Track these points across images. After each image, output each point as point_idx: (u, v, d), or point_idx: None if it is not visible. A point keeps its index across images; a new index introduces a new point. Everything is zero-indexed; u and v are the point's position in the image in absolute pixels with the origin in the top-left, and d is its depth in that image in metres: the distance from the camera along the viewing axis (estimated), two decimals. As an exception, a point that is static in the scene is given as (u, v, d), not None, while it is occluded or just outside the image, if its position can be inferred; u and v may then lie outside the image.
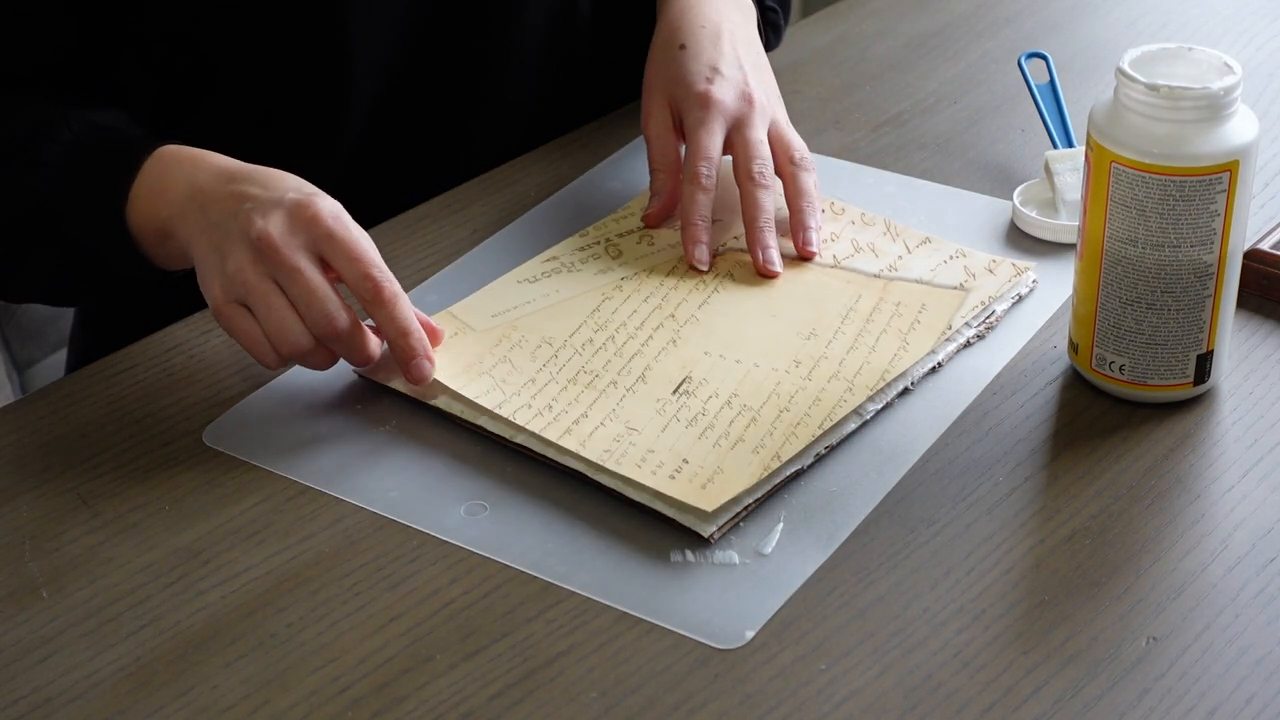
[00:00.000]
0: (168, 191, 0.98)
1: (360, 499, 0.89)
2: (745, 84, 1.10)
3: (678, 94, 1.11)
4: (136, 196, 0.99)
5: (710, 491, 0.87)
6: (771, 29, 1.30)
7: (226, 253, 0.93)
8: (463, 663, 0.79)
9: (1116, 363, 0.94)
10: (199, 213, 0.96)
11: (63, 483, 0.91)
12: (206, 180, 0.97)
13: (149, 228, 0.99)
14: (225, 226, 0.94)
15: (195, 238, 0.96)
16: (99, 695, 0.78)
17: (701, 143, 1.08)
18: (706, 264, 1.05)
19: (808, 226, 1.07)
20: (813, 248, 1.07)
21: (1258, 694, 0.77)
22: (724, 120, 1.09)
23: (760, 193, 1.07)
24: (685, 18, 1.15)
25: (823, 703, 0.77)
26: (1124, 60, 0.91)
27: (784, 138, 1.11)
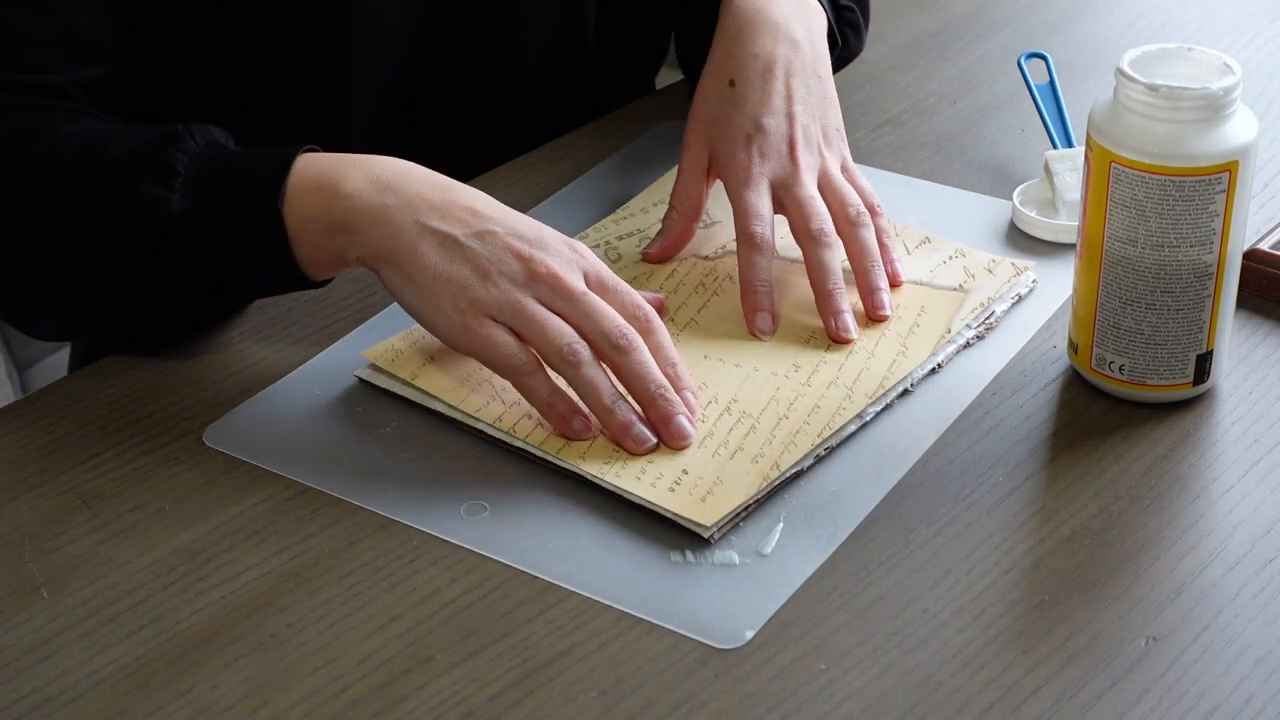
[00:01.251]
0: (341, 185, 0.94)
1: (360, 499, 0.89)
2: (790, 137, 1.05)
3: (720, 148, 1.06)
4: (296, 194, 0.94)
5: (710, 504, 0.87)
6: (851, 29, 1.23)
7: (484, 270, 0.91)
8: (463, 663, 0.79)
9: (1116, 363, 0.94)
10: (414, 217, 0.93)
11: (63, 483, 0.91)
12: (402, 179, 0.95)
13: (314, 224, 0.94)
14: (470, 244, 0.92)
15: (414, 242, 0.92)
16: (99, 695, 0.78)
17: (749, 203, 1.02)
18: (771, 332, 1.00)
19: (876, 289, 1.01)
20: (885, 311, 1.01)
21: (1257, 694, 0.77)
22: (768, 180, 1.03)
23: (823, 252, 1.01)
24: (739, 43, 1.09)
25: (823, 703, 0.77)
26: (1124, 60, 0.91)
27: (838, 190, 1.04)
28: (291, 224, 0.95)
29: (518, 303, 0.91)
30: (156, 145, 0.96)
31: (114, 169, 0.96)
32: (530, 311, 0.91)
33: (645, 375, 0.91)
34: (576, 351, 0.91)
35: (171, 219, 0.95)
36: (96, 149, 0.98)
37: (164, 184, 0.95)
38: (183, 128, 0.98)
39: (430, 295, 0.92)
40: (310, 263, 0.96)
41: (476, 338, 0.91)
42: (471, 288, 0.92)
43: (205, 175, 0.96)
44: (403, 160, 0.97)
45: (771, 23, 1.09)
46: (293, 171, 0.95)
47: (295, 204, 0.95)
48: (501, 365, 0.92)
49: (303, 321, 1.04)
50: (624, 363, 0.91)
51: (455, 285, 0.92)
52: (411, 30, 1.17)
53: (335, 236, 0.94)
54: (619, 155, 1.23)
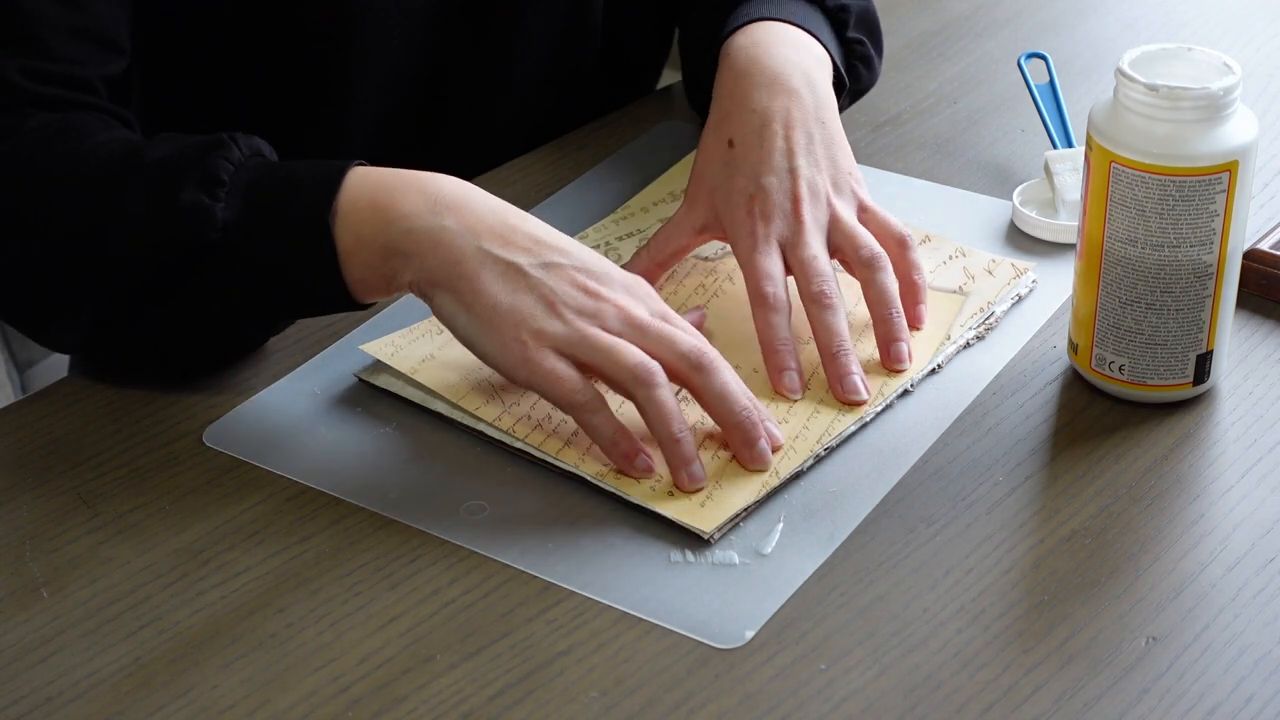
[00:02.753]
0: (397, 205, 0.90)
1: (360, 499, 0.89)
2: (793, 194, 1.01)
3: (724, 212, 1.02)
4: (349, 211, 0.91)
5: (709, 510, 0.87)
6: (862, 62, 1.19)
7: (550, 301, 0.88)
8: (463, 663, 0.79)
9: (1116, 363, 0.94)
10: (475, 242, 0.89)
11: (63, 483, 0.91)
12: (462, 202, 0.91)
13: (367, 245, 0.90)
14: (535, 274, 0.89)
15: (475, 269, 0.89)
16: (99, 695, 0.78)
17: (758, 266, 0.98)
18: (799, 392, 0.95)
19: (894, 340, 0.98)
20: (903, 364, 0.97)
21: (1257, 693, 0.77)
22: (775, 240, 0.99)
23: (825, 315, 0.97)
24: (736, 97, 1.06)
25: (823, 703, 0.77)
26: (1124, 60, 0.91)
27: (850, 235, 1.00)
28: (344, 243, 0.91)
29: (584, 331, 0.88)
30: (200, 152, 0.93)
31: (155, 174, 0.92)
32: (597, 338, 0.88)
33: (730, 396, 0.89)
34: (651, 371, 0.88)
35: (215, 229, 0.91)
36: (135, 153, 0.94)
37: (208, 192, 0.91)
38: (227, 136, 0.94)
39: (490, 325, 0.89)
40: (359, 284, 0.92)
41: (540, 371, 0.88)
42: (535, 319, 0.88)
43: (252, 186, 0.92)
44: (458, 180, 0.93)
45: (769, 74, 1.06)
46: (344, 187, 0.91)
47: (348, 222, 0.91)
48: (565, 400, 0.88)
49: (303, 321, 1.03)
50: (706, 383, 0.89)
51: (518, 316, 0.88)
52: (415, 31, 1.17)
53: (390, 259, 0.91)
54: (619, 155, 1.23)
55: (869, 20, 1.20)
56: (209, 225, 0.91)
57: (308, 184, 0.92)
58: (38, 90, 0.97)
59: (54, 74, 0.98)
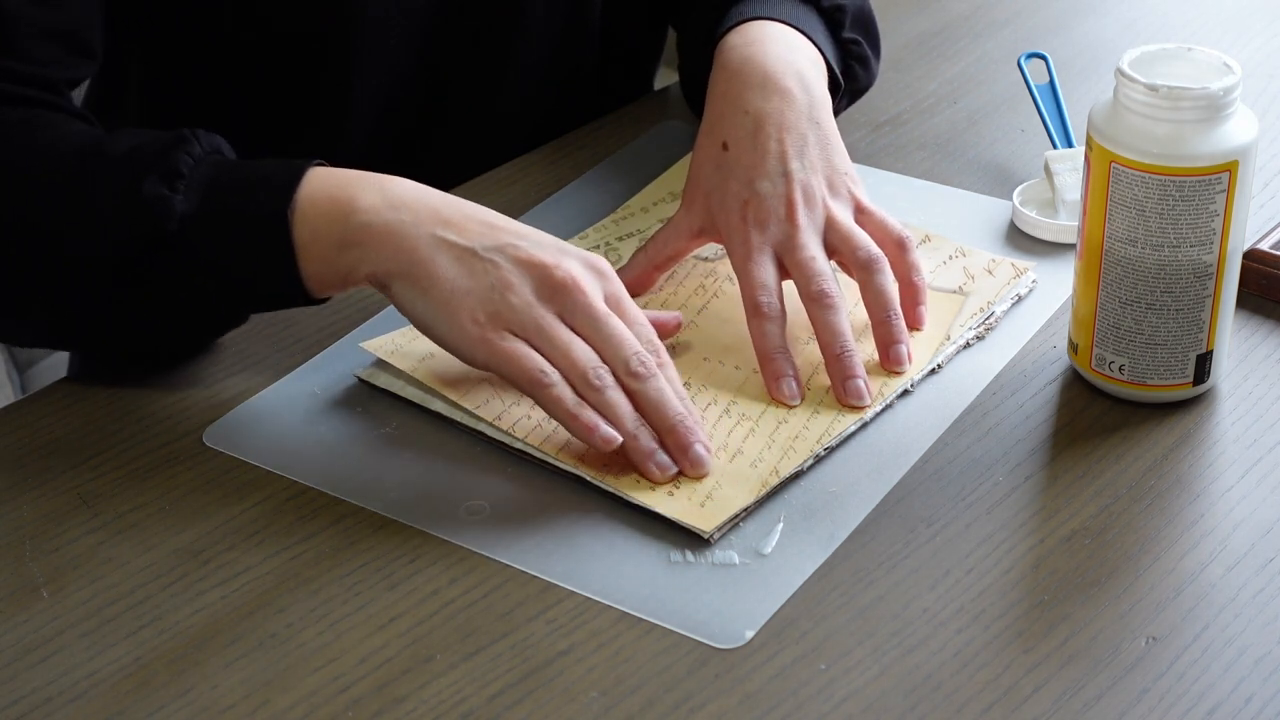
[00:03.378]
0: (354, 201, 0.92)
1: (360, 499, 0.89)
2: (787, 198, 1.00)
3: (719, 218, 1.02)
4: (307, 207, 0.92)
5: (709, 510, 0.87)
6: (858, 62, 1.18)
7: (505, 282, 0.89)
8: (463, 663, 0.79)
9: (1116, 363, 0.94)
10: (429, 231, 0.91)
11: (63, 483, 0.91)
12: (417, 197, 0.92)
13: (323, 239, 0.92)
14: (489, 256, 0.90)
15: (430, 254, 0.90)
16: (99, 695, 0.78)
17: (751, 275, 0.98)
18: (798, 398, 0.95)
19: (893, 342, 0.98)
20: (902, 366, 0.97)
21: (1257, 694, 0.77)
22: (769, 248, 0.99)
23: (827, 315, 0.96)
24: (730, 98, 1.05)
25: (823, 703, 0.77)
26: (1124, 60, 0.91)
27: (847, 237, 1.00)
28: (301, 237, 0.92)
29: (540, 319, 0.89)
30: (161, 146, 0.94)
31: (116, 167, 0.93)
32: (553, 331, 0.89)
33: (664, 403, 0.90)
34: (601, 376, 0.89)
35: (173, 220, 0.92)
36: (97, 146, 0.95)
37: (168, 184, 0.92)
38: (188, 131, 0.95)
39: (447, 309, 0.90)
40: (315, 278, 0.93)
41: (498, 351, 0.89)
42: (491, 300, 0.90)
43: (212, 180, 0.93)
44: (416, 182, 0.95)
45: (760, 75, 1.05)
46: (303, 184, 0.92)
47: (306, 216, 0.92)
48: (526, 379, 0.89)
49: (303, 321, 1.04)
50: (641, 390, 0.90)
51: (474, 298, 0.90)
52: (414, 31, 1.17)
53: (346, 253, 0.92)
54: (619, 155, 1.23)
55: (865, 20, 1.20)
56: (168, 216, 0.92)
57: (267, 181, 0.93)
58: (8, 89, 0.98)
59: (20, 73, 0.99)
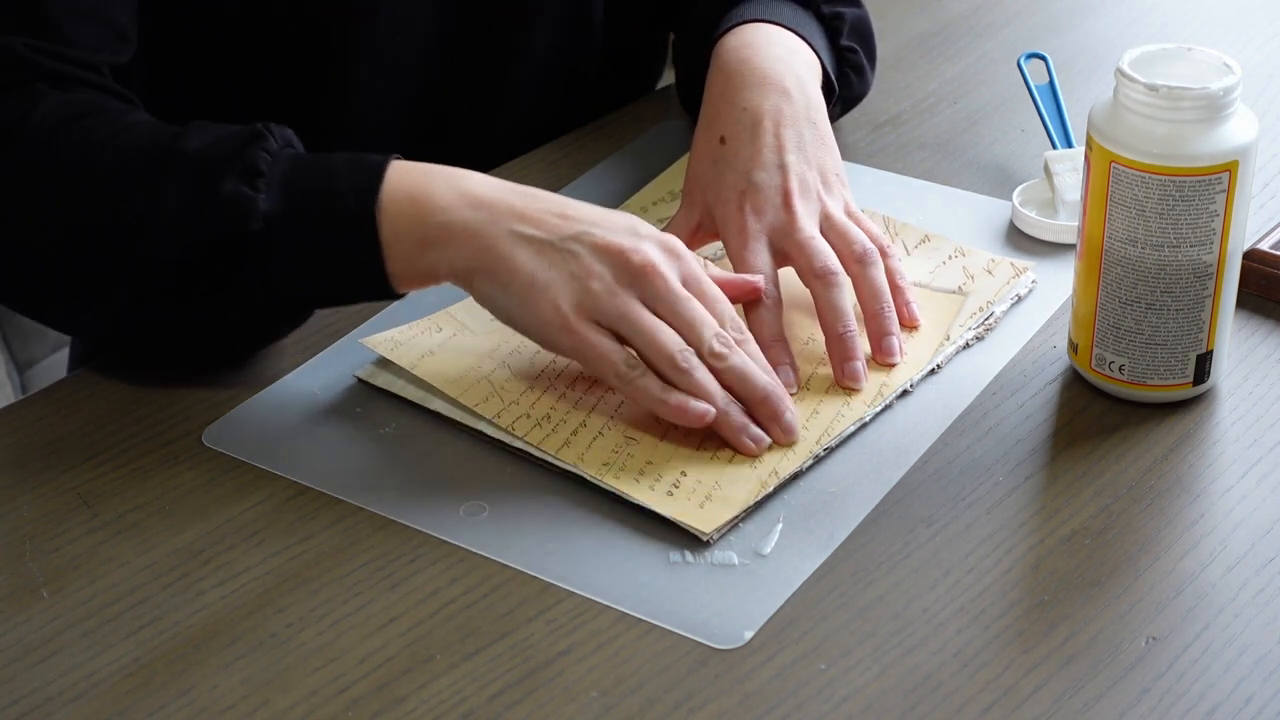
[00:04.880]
0: (433, 199, 0.92)
1: (359, 500, 0.89)
2: (784, 188, 1.01)
3: (715, 209, 1.03)
4: (389, 204, 0.92)
5: (708, 511, 0.87)
6: (854, 70, 1.19)
7: (586, 270, 0.90)
8: (463, 663, 0.79)
9: (1116, 363, 0.94)
10: (507, 227, 0.91)
11: (63, 483, 0.91)
12: (493, 193, 0.93)
13: (406, 238, 0.92)
14: (566, 246, 0.91)
15: (510, 249, 0.91)
16: (99, 695, 0.78)
17: (747, 263, 0.99)
18: (795, 385, 0.96)
19: (886, 333, 0.98)
20: (895, 358, 0.98)
21: (1257, 693, 0.77)
22: (765, 237, 1.00)
23: (831, 293, 0.97)
24: (727, 96, 1.06)
25: (823, 703, 0.77)
26: (1124, 60, 0.91)
27: (843, 231, 1.01)
28: (385, 235, 0.92)
29: (623, 305, 0.90)
30: (238, 142, 0.93)
31: (194, 165, 0.92)
32: (638, 317, 0.90)
33: (750, 376, 0.91)
34: (688, 359, 0.90)
35: (257, 220, 0.91)
36: (171, 143, 0.94)
37: (249, 183, 0.92)
38: (263, 126, 0.95)
39: (529, 302, 0.91)
40: (397, 276, 0.93)
41: (583, 342, 0.90)
42: (573, 290, 0.90)
43: (292, 178, 0.93)
44: (487, 175, 0.95)
45: (759, 74, 1.07)
46: (385, 181, 0.92)
47: (388, 215, 0.92)
48: (612, 370, 0.90)
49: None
50: (727, 367, 0.91)
51: (555, 289, 0.90)
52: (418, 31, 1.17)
53: (428, 252, 0.92)
54: (619, 155, 1.23)
55: (863, 29, 1.21)
56: (251, 216, 0.91)
57: (349, 179, 0.93)
58: (48, 66, 0.97)
59: (64, 55, 0.98)
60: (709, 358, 0.91)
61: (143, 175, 0.93)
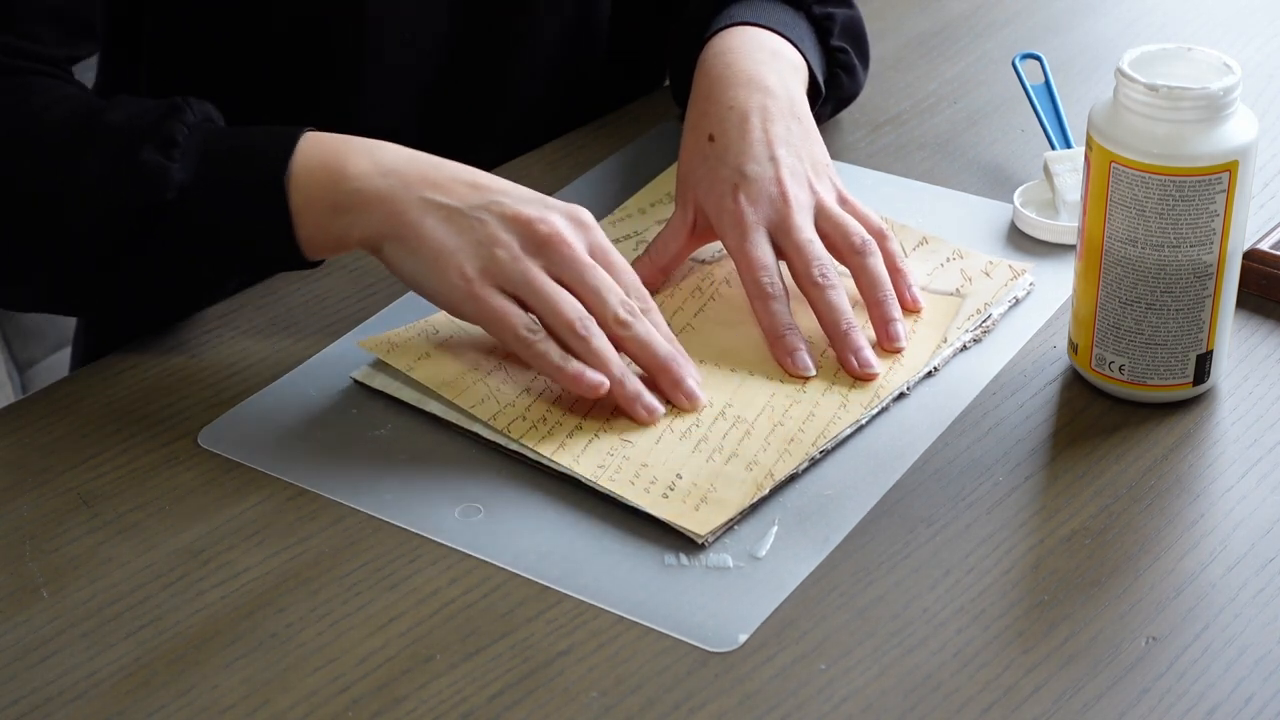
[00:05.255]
0: (346, 167, 0.95)
1: (355, 501, 0.89)
2: (777, 179, 1.02)
3: (709, 206, 1.03)
4: (300, 172, 0.95)
5: (703, 513, 0.87)
6: (845, 70, 1.20)
7: (492, 237, 0.93)
8: (463, 663, 0.79)
9: (1116, 363, 0.94)
10: (417, 194, 0.94)
11: (63, 483, 0.91)
12: (407, 163, 0.96)
13: (317, 204, 0.95)
14: (475, 214, 0.93)
15: (419, 216, 0.93)
16: (99, 695, 0.78)
17: (750, 257, 1.00)
18: (813, 369, 0.97)
19: (890, 319, 0.99)
20: (900, 343, 0.98)
21: (1257, 694, 0.77)
22: (764, 229, 1.00)
23: (828, 295, 0.98)
24: (712, 97, 1.08)
25: (823, 703, 0.77)
26: (1124, 60, 0.91)
27: (839, 222, 1.01)
28: (295, 202, 0.95)
29: (527, 272, 0.92)
30: (157, 115, 0.96)
31: (113, 136, 0.95)
32: (540, 284, 0.92)
33: (651, 344, 0.93)
34: (588, 327, 0.92)
35: (171, 188, 0.94)
36: (92, 115, 0.97)
37: (164, 153, 0.94)
38: (181, 100, 0.98)
39: (436, 267, 0.93)
40: (309, 242, 0.96)
41: (486, 307, 0.92)
42: (479, 256, 0.93)
43: (207, 148, 0.96)
44: (404, 146, 0.98)
45: (744, 76, 1.08)
46: (297, 151, 0.95)
47: (299, 183, 0.95)
48: (512, 335, 0.92)
49: (301, 321, 1.04)
50: (629, 336, 0.93)
51: (461, 255, 0.93)
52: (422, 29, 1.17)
53: (339, 217, 0.95)
54: (619, 155, 1.23)
55: (855, 30, 1.22)
56: (165, 185, 0.94)
57: (261, 148, 0.96)
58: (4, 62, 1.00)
59: (17, 48, 1.01)
60: (613, 325, 0.93)
61: (65, 145, 0.96)
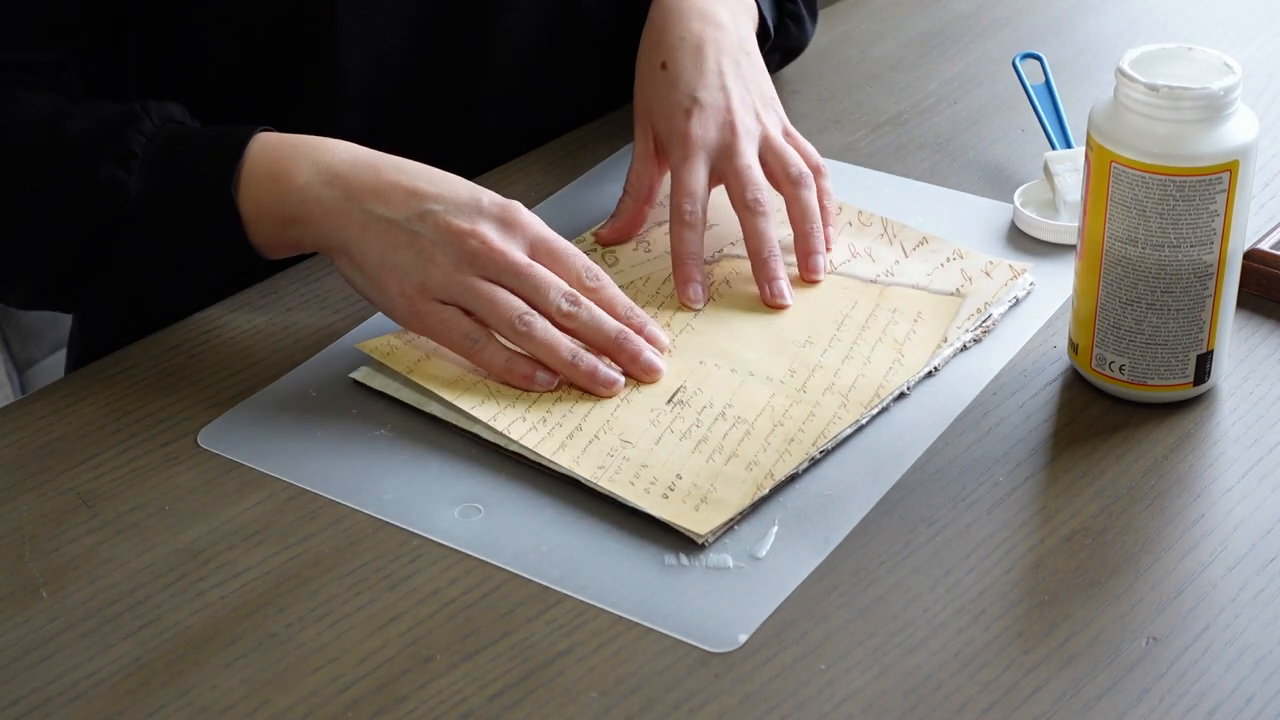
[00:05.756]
0: (292, 177, 0.97)
1: (355, 502, 0.89)
2: (728, 108, 1.07)
3: (660, 127, 1.08)
4: (250, 181, 0.97)
5: (703, 513, 0.87)
6: (793, 20, 1.26)
7: (428, 254, 0.95)
8: (463, 663, 0.79)
9: (1116, 363, 0.94)
10: (359, 206, 0.96)
11: (63, 483, 0.91)
12: (350, 169, 0.97)
13: (268, 214, 0.98)
14: (411, 227, 0.95)
15: (360, 232, 0.96)
16: (99, 695, 0.78)
17: (683, 180, 1.04)
18: (701, 302, 1.02)
19: (813, 251, 1.04)
20: (818, 275, 1.04)
21: (1257, 694, 0.77)
22: (706, 154, 1.05)
23: (759, 221, 1.03)
24: (666, 28, 1.12)
25: (823, 703, 0.77)
26: (1124, 60, 0.91)
27: (780, 153, 1.07)
28: (246, 211, 0.97)
29: (461, 284, 0.95)
30: (115, 125, 0.99)
31: (74, 149, 0.99)
32: (476, 288, 0.94)
33: (599, 324, 0.96)
34: (528, 321, 0.94)
35: (129, 201, 0.97)
36: (55, 126, 1.00)
37: (123, 166, 0.98)
38: (140, 106, 1.00)
39: (378, 283, 0.96)
40: (266, 247, 0.99)
41: (430, 319, 0.95)
42: (416, 273, 0.95)
43: (161, 157, 0.98)
44: (349, 145, 0.99)
45: (697, 9, 1.12)
46: (246, 158, 0.97)
47: (249, 193, 0.97)
48: (456, 342, 0.95)
49: (301, 321, 1.04)
50: (576, 323, 0.95)
51: (400, 272, 0.95)
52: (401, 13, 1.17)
53: (289, 228, 0.98)
54: (619, 155, 1.23)
55: None
56: (123, 198, 0.98)
57: (212, 156, 0.99)
58: None
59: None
60: (558, 318, 0.95)
61: (28, 158, 1.00)
